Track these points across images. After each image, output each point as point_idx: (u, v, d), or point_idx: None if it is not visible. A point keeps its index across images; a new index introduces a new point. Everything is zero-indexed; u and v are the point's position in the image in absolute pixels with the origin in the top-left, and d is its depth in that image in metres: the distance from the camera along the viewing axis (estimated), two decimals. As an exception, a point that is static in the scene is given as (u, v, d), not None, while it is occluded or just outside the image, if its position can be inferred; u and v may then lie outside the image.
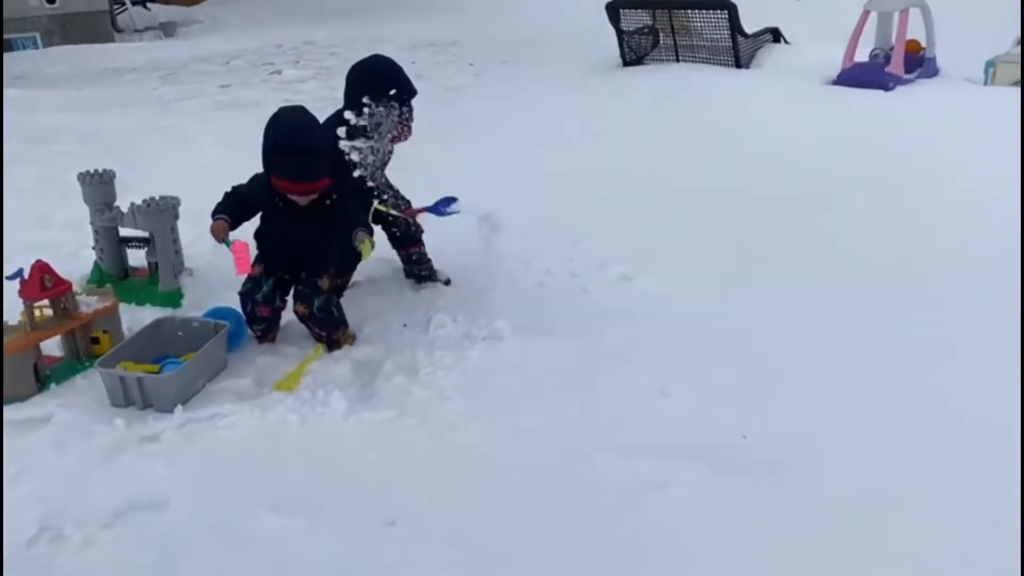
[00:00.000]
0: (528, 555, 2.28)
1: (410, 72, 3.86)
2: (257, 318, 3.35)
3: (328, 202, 3.26)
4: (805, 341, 3.30)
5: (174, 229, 3.80)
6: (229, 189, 3.41)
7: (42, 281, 3.09)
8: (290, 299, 3.43)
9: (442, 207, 3.71)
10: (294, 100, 8.43)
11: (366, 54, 3.99)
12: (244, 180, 5.23)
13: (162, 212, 3.67)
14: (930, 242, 4.02)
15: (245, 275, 3.32)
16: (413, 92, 3.62)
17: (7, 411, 2.96)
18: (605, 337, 3.38)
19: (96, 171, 3.83)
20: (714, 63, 7.42)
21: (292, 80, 9.54)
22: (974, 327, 3.29)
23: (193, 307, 3.75)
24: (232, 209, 3.32)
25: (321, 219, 3.28)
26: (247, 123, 7.37)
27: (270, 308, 3.36)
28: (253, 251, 3.35)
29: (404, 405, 2.94)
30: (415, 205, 3.80)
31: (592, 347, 3.31)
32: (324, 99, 8.43)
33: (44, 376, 3.11)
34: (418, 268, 3.89)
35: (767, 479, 2.50)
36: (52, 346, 3.28)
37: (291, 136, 3.15)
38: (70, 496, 2.52)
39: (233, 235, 3.28)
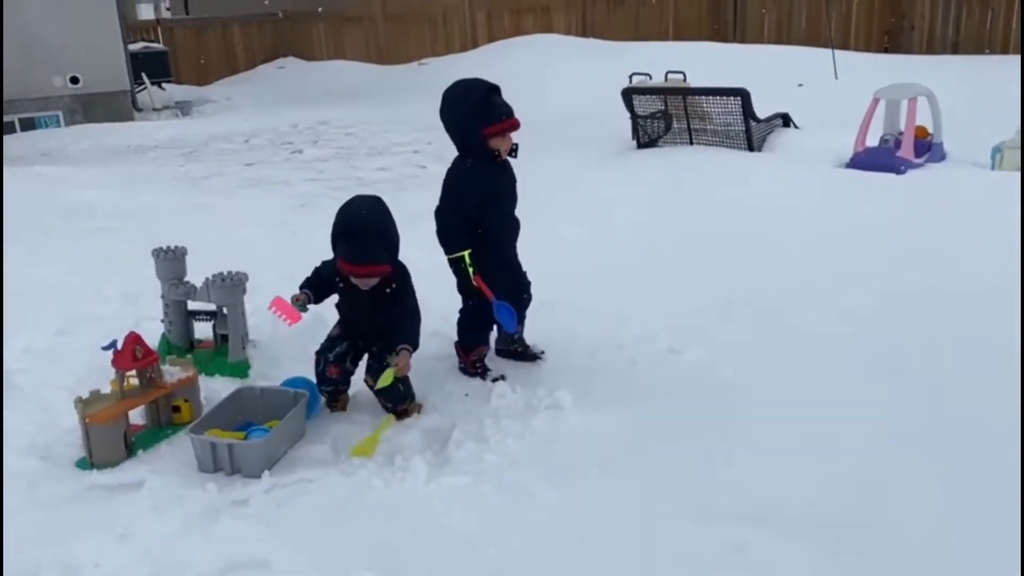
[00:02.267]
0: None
1: (428, 152, 4.11)
2: (326, 378, 3.53)
3: (388, 290, 3.44)
4: (847, 413, 3.47)
5: (242, 303, 3.99)
6: (317, 265, 3.62)
7: (134, 352, 3.27)
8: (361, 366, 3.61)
9: (502, 309, 3.71)
10: (319, 179, 8.80)
11: (379, 135, 4.23)
12: (280, 257, 5.52)
13: (235, 287, 3.87)
14: (954, 320, 4.23)
15: (298, 322, 3.51)
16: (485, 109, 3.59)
17: (100, 477, 3.12)
18: (659, 406, 3.55)
19: (169, 247, 4.04)
20: (727, 146, 7.76)
21: (314, 159, 9.87)
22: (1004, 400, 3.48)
23: (259, 377, 3.94)
24: (314, 285, 3.53)
25: (382, 306, 3.47)
26: (278, 201, 7.72)
27: (339, 370, 3.54)
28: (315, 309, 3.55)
29: (479, 471, 3.10)
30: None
31: (648, 416, 3.48)
32: (348, 178, 8.79)
33: (131, 443, 3.26)
34: (514, 345, 4.02)
35: (839, 541, 2.65)
36: (134, 414, 3.44)
37: (353, 220, 3.36)
38: (176, 557, 2.66)
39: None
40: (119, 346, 3.27)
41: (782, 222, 5.77)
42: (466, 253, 3.60)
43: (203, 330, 4.22)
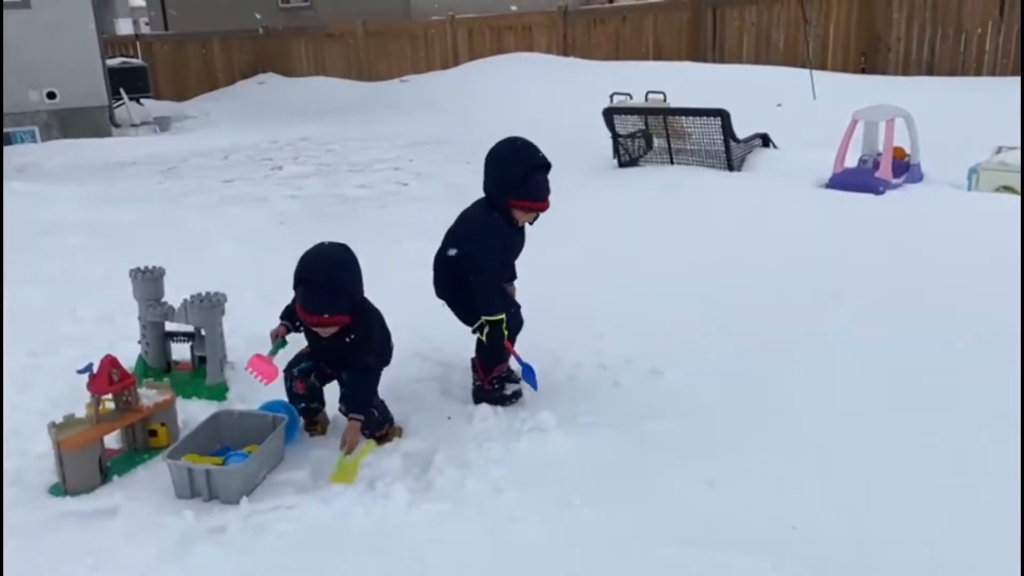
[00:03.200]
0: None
1: (410, 169, 4.08)
2: (294, 395, 3.49)
3: (348, 340, 3.36)
4: (831, 433, 3.46)
5: (220, 324, 3.94)
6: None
7: (110, 375, 3.20)
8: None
9: (529, 372, 3.76)
10: (299, 196, 8.75)
11: (359, 152, 4.21)
12: (259, 277, 5.46)
13: (213, 308, 3.82)
14: (936, 336, 4.25)
15: (274, 380, 3.44)
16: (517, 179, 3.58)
17: (74, 503, 3.05)
18: (643, 429, 3.53)
19: (147, 267, 3.98)
20: (707, 166, 7.81)
21: (294, 176, 9.81)
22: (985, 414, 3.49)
23: (237, 400, 3.88)
24: (293, 315, 3.45)
25: (341, 350, 3.41)
26: (258, 219, 7.65)
27: (304, 384, 3.49)
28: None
29: (461, 497, 3.06)
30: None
31: (632, 439, 3.46)
32: (328, 195, 8.75)
33: (106, 468, 3.20)
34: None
35: (828, 567, 2.63)
36: (110, 438, 3.37)
37: (313, 269, 3.27)
38: (151, 587, 2.59)
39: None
40: (95, 369, 3.20)
41: (763, 242, 5.80)
42: (503, 318, 3.59)
43: (180, 351, 4.16)
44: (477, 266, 3.60)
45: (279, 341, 3.48)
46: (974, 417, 3.51)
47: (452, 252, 3.68)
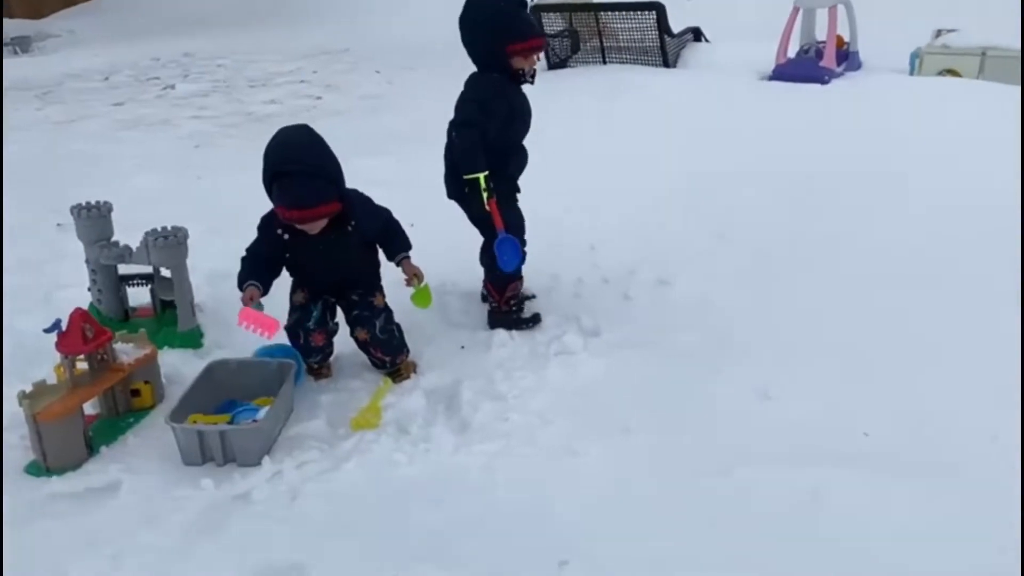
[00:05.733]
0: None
1: (317, 81, 3.62)
2: (312, 348, 3.10)
3: (350, 228, 2.99)
4: (861, 332, 3.36)
5: (185, 263, 3.47)
6: (244, 253, 3.05)
7: (83, 332, 2.74)
8: (343, 325, 3.20)
9: (506, 243, 3.28)
10: (205, 116, 8.04)
11: (254, 65, 3.72)
12: (193, 208, 4.92)
13: (179, 245, 3.34)
14: (930, 227, 4.20)
15: (277, 331, 2.90)
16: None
17: (61, 483, 2.62)
18: (671, 343, 3.33)
19: (92, 203, 3.44)
20: (642, 63, 7.54)
21: (191, 95, 9.00)
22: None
23: (214, 346, 3.47)
24: (256, 272, 2.97)
25: (346, 248, 3.03)
26: (167, 144, 6.96)
27: (324, 334, 3.12)
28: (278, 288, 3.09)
29: (508, 433, 2.79)
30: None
31: (663, 355, 3.26)
32: (236, 114, 8.06)
33: (89, 438, 2.76)
34: (511, 303, 3.57)
35: (912, 475, 2.52)
36: (85, 404, 2.91)
37: (290, 159, 2.82)
38: (191, 574, 2.24)
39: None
40: (63, 326, 2.73)
41: (725, 139, 5.62)
42: (483, 176, 3.14)
43: (136, 296, 3.67)
44: (455, 123, 3.23)
45: (256, 304, 2.93)
46: (994, 301, 3.47)
47: (451, 133, 3.27)
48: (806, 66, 6.62)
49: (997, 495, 2.43)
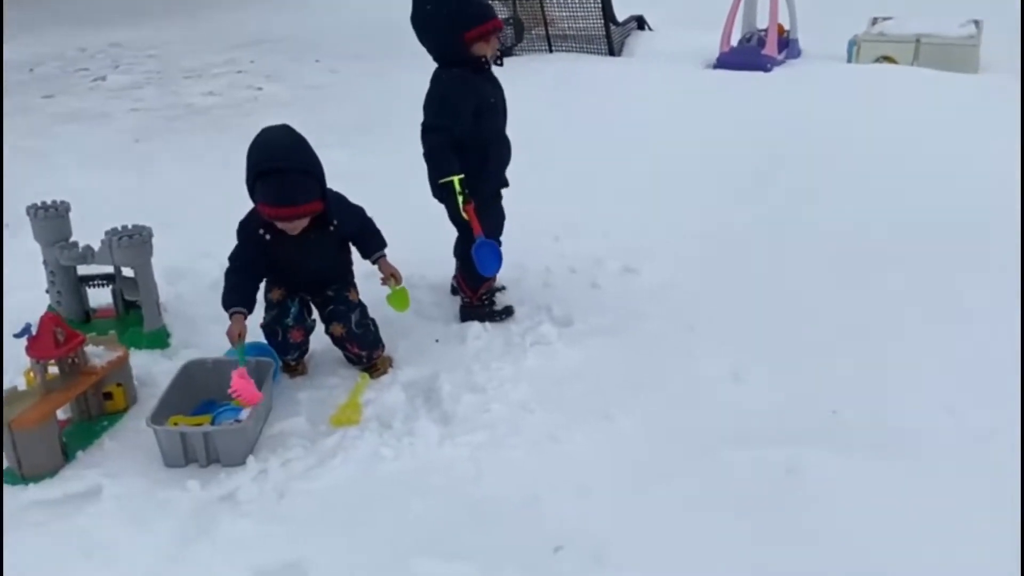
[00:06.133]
0: (693, 557, 2.26)
1: (256, 71, 3.57)
2: (290, 345, 3.09)
3: (331, 228, 2.99)
4: (826, 311, 3.48)
5: (150, 262, 3.40)
6: (227, 266, 3.02)
7: (55, 336, 2.67)
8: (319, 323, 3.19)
9: (484, 247, 3.28)
10: (143, 109, 7.82)
11: (187, 55, 3.64)
12: (147, 202, 4.81)
13: (143, 244, 3.27)
14: (877, 208, 4.37)
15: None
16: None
17: (39, 491, 2.56)
18: (643, 331, 3.40)
19: (49, 203, 3.35)
20: (588, 52, 7.59)
21: (125, 87, 8.71)
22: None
23: (181, 346, 3.42)
24: (241, 288, 2.95)
25: (326, 246, 3.05)
26: (107, 138, 6.76)
27: (302, 331, 3.11)
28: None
29: (492, 424, 2.82)
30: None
31: (637, 342, 3.32)
32: (176, 106, 7.87)
33: (63, 444, 2.70)
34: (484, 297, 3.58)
35: (878, 449, 2.63)
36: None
37: (275, 157, 2.83)
38: (187, 576, 2.22)
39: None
40: (34, 330, 2.66)
41: (675, 128, 5.69)
42: (457, 179, 3.14)
43: (97, 298, 3.58)
44: (424, 125, 3.21)
45: (241, 344, 2.89)
46: (946, 276, 3.64)
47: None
48: (749, 54, 6.76)
49: (956, 465, 2.56)
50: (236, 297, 2.94)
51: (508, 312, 3.50)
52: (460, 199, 3.13)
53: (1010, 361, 3.04)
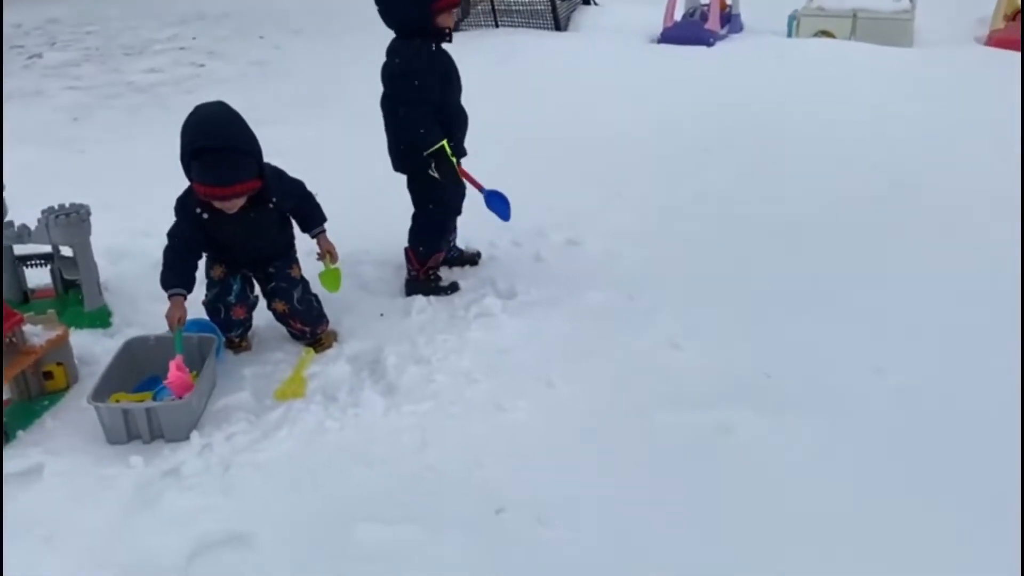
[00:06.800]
0: (631, 516, 2.34)
1: (198, 48, 3.53)
2: (233, 322, 3.09)
3: (271, 205, 2.97)
4: (757, 283, 3.59)
5: (89, 241, 3.36)
6: (166, 243, 2.99)
7: (-9, 315, 2.65)
8: (262, 299, 3.19)
9: (495, 198, 3.46)
10: (81, 87, 7.68)
11: (127, 32, 3.59)
12: (87, 182, 4.73)
13: (81, 222, 3.24)
14: (813, 180, 4.49)
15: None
16: None
17: (-24, 471, 2.54)
18: (585, 301, 3.46)
19: (-18, 182, 3.29)
20: (533, 26, 7.62)
21: (62, 64, 8.53)
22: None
23: (123, 324, 3.39)
24: (179, 268, 2.92)
25: (265, 225, 3.03)
26: (43, 117, 6.63)
27: (245, 307, 3.12)
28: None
29: (436, 393, 2.87)
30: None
31: (579, 312, 3.39)
32: (116, 84, 7.73)
33: (3, 424, 2.68)
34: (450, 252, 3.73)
35: (812, 413, 2.73)
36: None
37: (211, 136, 2.78)
38: (130, 550, 2.23)
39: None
40: (-31, 310, 2.63)
41: (617, 101, 5.78)
42: (445, 143, 3.20)
43: (34, 278, 3.54)
44: (400, 101, 3.25)
45: (179, 328, 2.89)
46: (872, 243, 3.77)
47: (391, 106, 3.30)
48: (692, 29, 6.84)
49: (881, 424, 2.69)
50: (174, 278, 2.92)
51: (454, 288, 3.55)
52: (454, 160, 3.22)
53: (933, 322, 3.17)
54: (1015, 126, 4.92)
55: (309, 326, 3.15)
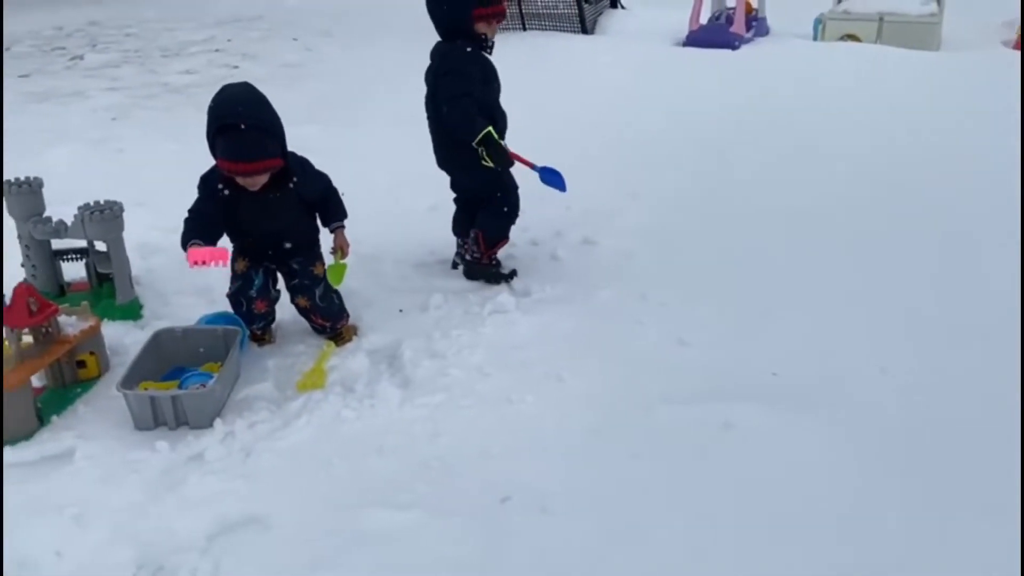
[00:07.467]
0: (634, 507, 2.41)
1: (232, 50, 3.68)
2: (255, 315, 3.21)
3: (291, 184, 3.06)
4: (772, 283, 3.65)
5: (122, 236, 3.51)
6: (186, 215, 3.08)
7: (28, 306, 2.79)
8: (285, 293, 3.31)
9: (549, 173, 3.64)
10: (119, 88, 7.90)
11: (165, 34, 3.72)
12: (122, 179, 4.90)
13: (115, 218, 3.39)
14: (832, 181, 4.52)
15: (227, 261, 2.96)
16: None
17: (14, 453, 2.69)
18: (596, 299, 3.55)
19: (23, 179, 3.45)
20: (561, 30, 7.70)
21: (102, 66, 8.78)
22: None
23: (152, 317, 3.53)
24: (198, 231, 2.99)
25: (286, 207, 3.11)
26: (83, 117, 6.83)
27: (266, 302, 3.23)
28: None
29: (449, 387, 2.97)
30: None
31: (589, 310, 3.47)
32: (152, 85, 7.94)
33: (38, 409, 2.83)
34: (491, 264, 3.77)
35: (815, 410, 2.79)
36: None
37: (231, 113, 2.89)
38: (153, 528, 2.35)
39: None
40: (8, 300, 2.78)
41: (641, 102, 5.85)
42: (491, 129, 3.38)
43: (70, 271, 3.69)
44: (446, 97, 3.41)
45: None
46: (896, 241, 3.80)
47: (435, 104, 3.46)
48: (717, 32, 6.88)
49: (887, 424, 2.73)
50: (190, 234, 2.96)
51: (513, 275, 3.68)
52: (503, 143, 3.42)
53: (941, 323, 3.21)
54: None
55: (329, 321, 3.26)
